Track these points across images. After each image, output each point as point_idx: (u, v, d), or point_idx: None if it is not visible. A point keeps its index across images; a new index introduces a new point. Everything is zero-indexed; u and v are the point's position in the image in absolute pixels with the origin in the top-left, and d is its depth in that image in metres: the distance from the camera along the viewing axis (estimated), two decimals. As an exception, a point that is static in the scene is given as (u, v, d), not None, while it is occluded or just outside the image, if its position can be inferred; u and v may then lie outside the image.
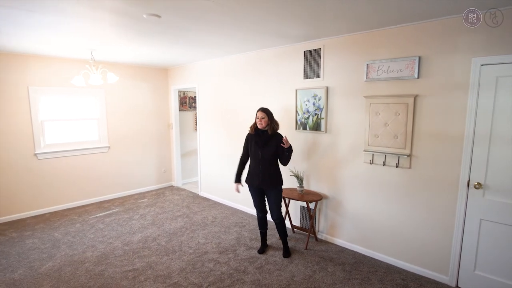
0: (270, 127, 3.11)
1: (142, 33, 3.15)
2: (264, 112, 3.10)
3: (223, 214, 4.64)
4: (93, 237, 3.82)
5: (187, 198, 5.45)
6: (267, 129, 3.12)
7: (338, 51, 3.34)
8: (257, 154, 3.14)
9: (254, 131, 3.18)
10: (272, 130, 3.12)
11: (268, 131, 3.12)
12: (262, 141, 3.13)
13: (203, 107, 5.37)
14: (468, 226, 2.65)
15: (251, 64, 4.33)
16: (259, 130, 3.16)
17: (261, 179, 3.14)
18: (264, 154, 3.11)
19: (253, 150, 3.17)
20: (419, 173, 2.87)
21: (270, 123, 3.11)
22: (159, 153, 6.12)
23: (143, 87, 5.76)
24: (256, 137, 3.16)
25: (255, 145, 3.15)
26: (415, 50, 2.78)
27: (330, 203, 3.61)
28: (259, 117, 3.09)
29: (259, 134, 3.16)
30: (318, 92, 3.55)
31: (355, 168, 3.32)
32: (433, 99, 2.72)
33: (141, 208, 4.90)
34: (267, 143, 3.12)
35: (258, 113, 3.11)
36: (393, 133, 2.98)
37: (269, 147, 3.11)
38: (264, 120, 3.08)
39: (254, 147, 3.15)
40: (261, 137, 3.14)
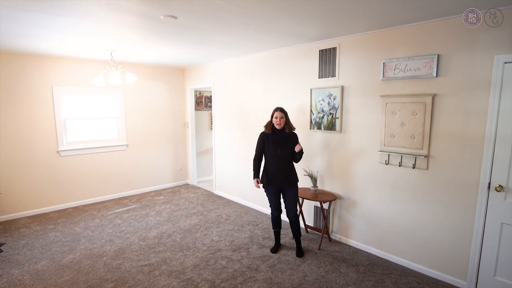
0: (288, 126, 3.17)
1: (159, 33, 3.23)
2: (283, 112, 3.14)
3: (236, 212, 4.68)
4: (111, 232, 3.94)
5: (202, 196, 5.53)
6: (285, 128, 3.15)
7: (353, 50, 3.30)
8: (277, 153, 3.15)
9: (271, 130, 3.20)
10: (289, 129, 3.18)
11: (286, 130, 3.16)
12: (281, 140, 3.16)
13: (218, 106, 5.43)
14: (488, 230, 2.56)
15: (266, 64, 4.35)
16: (276, 129, 3.18)
17: (281, 177, 3.16)
18: (284, 153, 3.15)
19: (271, 149, 3.18)
20: (436, 175, 2.80)
21: (287, 122, 3.15)
22: (175, 152, 6.24)
23: (160, 87, 5.88)
24: (273, 136, 3.18)
25: (274, 144, 3.16)
26: (434, 48, 2.71)
27: (344, 203, 3.57)
28: (277, 117, 3.12)
29: (277, 133, 3.18)
30: (333, 92, 3.52)
31: (370, 169, 3.27)
32: (452, 99, 2.64)
33: (157, 205, 5.02)
34: (285, 142, 3.16)
35: (276, 113, 3.14)
36: (410, 133, 2.91)
37: (288, 146, 3.16)
38: (283, 120, 3.13)
39: (273, 146, 3.17)
40: (279, 136, 3.17)
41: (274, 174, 3.18)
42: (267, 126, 3.22)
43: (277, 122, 3.12)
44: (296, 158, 3.19)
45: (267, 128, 3.22)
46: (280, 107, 3.18)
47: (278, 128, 3.15)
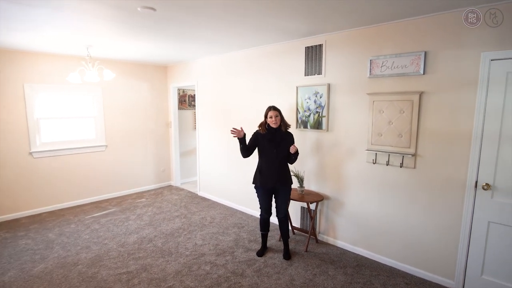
0: (283, 124, 3.08)
1: (137, 27, 3.05)
2: (276, 111, 3.04)
3: (221, 214, 4.53)
4: (88, 238, 3.72)
5: (186, 198, 5.36)
6: (281, 126, 3.06)
7: (340, 47, 3.23)
8: (272, 153, 3.04)
9: (266, 130, 3.08)
10: (285, 127, 3.10)
11: (282, 129, 3.07)
12: (277, 139, 3.06)
13: (202, 105, 5.27)
14: (475, 229, 2.54)
15: (251, 61, 4.23)
16: (271, 129, 3.06)
17: (276, 178, 3.05)
18: (280, 153, 3.04)
19: (266, 149, 3.06)
20: (424, 173, 2.76)
21: (282, 120, 3.06)
22: (157, 152, 6.03)
23: (142, 85, 5.66)
24: (269, 136, 3.06)
25: (269, 143, 3.05)
26: (421, 45, 2.66)
27: (331, 203, 3.50)
28: (272, 116, 3.00)
29: (273, 132, 3.06)
30: (319, 89, 3.44)
31: (358, 168, 3.21)
32: (440, 96, 2.60)
33: (139, 208, 4.81)
34: (282, 142, 3.06)
35: (270, 113, 3.02)
36: (397, 132, 2.86)
37: (284, 145, 3.06)
38: (278, 119, 3.02)
39: (268, 145, 3.05)
40: (275, 136, 3.06)
41: (268, 174, 3.06)
42: (262, 127, 3.10)
43: (273, 121, 3.00)
44: (292, 159, 3.08)
45: (262, 129, 3.10)
46: (273, 106, 3.07)
47: (274, 127, 3.03)
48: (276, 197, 3.17)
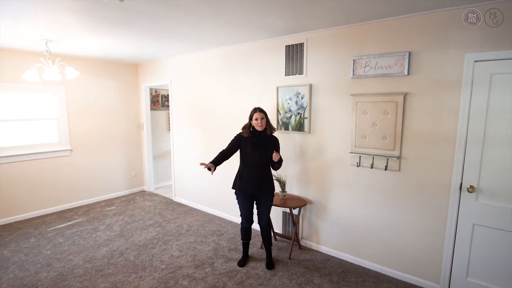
0: (269, 127, 2.90)
1: (103, 20, 2.75)
2: (262, 113, 2.85)
3: (199, 221, 4.30)
4: (49, 253, 3.35)
5: (160, 204, 5.05)
6: (266, 129, 2.89)
7: (322, 46, 3.12)
8: (254, 157, 2.85)
9: (250, 133, 2.89)
10: (271, 130, 2.93)
11: (267, 132, 2.90)
12: (261, 142, 2.87)
13: (176, 106, 4.99)
14: (460, 232, 2.51)
15: (229, 60, 4.02)
16: (255, 132, 2.88)
17: (255, 184, 2.86)
18: (262, 157, 2.85)
19: (248, 153, 2.87)
20: (409, 176, 2.71)
21: (267, 123, 2.89)
22: (129, 156, 5.65)
23: (110, 84, 5.27)
24: (252, 139, 2.87)
25: (252, 146, 2.85)
26: (405, 45, 2.60)
27: (314, 208, 3.39)
28: (258, 118, 2.82)
29: (257, 135, 2.88)
30: (301, 90, 3.31)
31: (341, 171, 3.11)
32: (424, 98, 2.55)
33: (108, 217, 4.45)
34: (266, 145, 2.88)
35: (256, 114, 2.83)
36: (382, 134, 2.79)
37: (268, 150, 2.87)
38: (264, 121, 2.84)
39: (251, 149, 2.85)
40: (259, 139, 2.87)
41: (249, 180, 2.87)
42: (246, 129, 2.90)
43: (259, 124, 2.82)
44: (275, 166, 2.91)
45: (245, 131, 2.90)
46: (259, 107, 2.89)
47: (259, 129, 2.85)
48: (257, 204, 2.99)
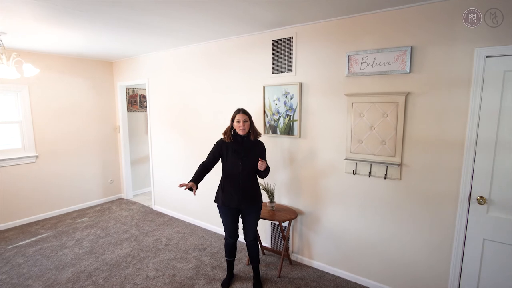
0: (252, 132, 2.55)
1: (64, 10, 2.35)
2: (246, 115, 2.52)
3: (179, 233, 3.92)
4: (4, 278, 2.91)
5: (138, 214, 4.64)
6: (249, 134, 2.55)
7: (313, 40, 2.81)
8: (237, 166, 2.50)
9: (231, 138, 2.54)
10: (255, 135, 2.57)
11: (250, 137, 2.55)
12: (244, 149, 2.52)
13: (154, 106, 4.59)
14: (469, 248, 2.25)
15: (211, 56, 3.67)
16: (237, 137, 2.54)
17: (241, 197, 2.52)
18: (246, 166, 2.51)
19: (230, 161, 2.52)
20: (411, 186, 2.43)
21: (251, 127, 2.55)
22: (104, 161, 5.20)
23: (82, 83, 4.81)
24: (235, 145, 2.53)
25: (234, 154, 2.51)
26: (407, 39, 2.32)
27: (306, 219, 3.08)
28: (240, 121, 2.48)
29: (238, 141, 2.54)
30: (290, 89, 2.99)
31: (336, 179, 2.82)
32: (428, 98, 2.28)
33: (79, 231, 4.02)
34: (249, 152, 2.53)
35: (238, 116, 2.49)
36: (380, 138, 2.51)
37: (252, 157, 2.53)
38: (247, 124, 2.51)
39: (233, 157, 2.51)
40: (241, 145, 2.53)
41: (232, 192, 2.53)
42: (227, 133, 2.56)
43: (241, 127, 2.48)
44: (262, 174, 2.58)
45: (226, 136, 2.55)
46: (243, 109, 2.55)
47: (241, 133, 2.51)
48: (243, 218, 2.66)
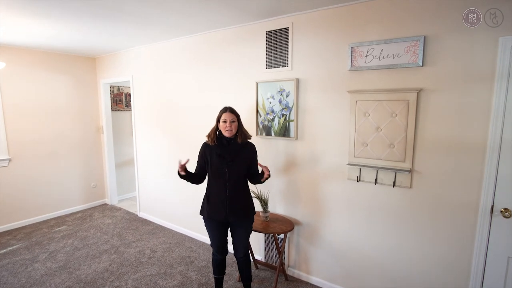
0: (240, 134, 2.21)
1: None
2: (234, 114, 2.19)
3: (165, 244, 3.59)
4: (-39, 300, 2.57)
5: (122, 222, 4.29)
6: (236, 136, 2.21)
7: (311, 31, 2.51)
8: (222, 173, 2.18)
9: (216, 141, 2.21)
10: (243, 138, 2.23)
11: (237, 140, 2.21)
12: (230, 153, 2.19)
13: (139, 106, 4.25)
14: (491, 267, 1.97)
15: (200, 50, 3.35)
16: (223, 139, 2.21)
17: (228, 209, 2.19)
18: (233, 173, 2.19)
19: (215, 168, 2.19)
20: (423, 195, 2.14)
21: (239, 128, 2.21)
22: (86, 164, 4.84)
23: (62, 81, 4.45)
24: (219, 149, 2.19)
25: (219, 159, 2.18)
26: (419, 28, 2.03)
27: (303, 230, 2.78)
28: (227, 121, 2.15)
29: (224, 144, 2.21)
30: (285, 86, 2.69)
31: (337, 187, 2.52)
32: (444, 95, 1.99)
33: (54, 242, 3.66)
34: (236, 157, 2.20)
35: (225, 115, 2.17)
36: (388, 141, 2.21)
37: (240, 162, 2.21)
38: (235, 125, 2.18)
39: (218, 162, 2.18)
40: (227, 149, 2.20)
41: (219, 203, 2.20)
42: (211, 135, 2.22)
43: (227, 128, 2.15)
44: (255, 180, 2.28)
45: (210, 138, 2.22)
46: (230, 107, 2.22)
47: (228, 135, 2.18)
48: (232, 232, 2.34)
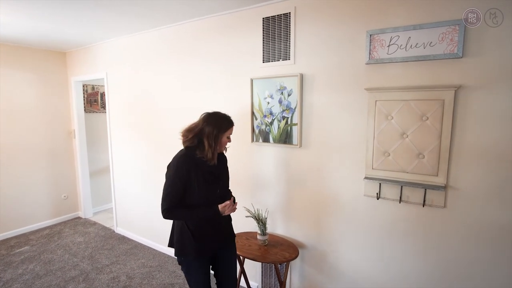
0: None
1: None
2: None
3: (145, 268, 3.08)
4: None
5: (95, 240, 3.75)
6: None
7: (319, 17, 2.08)
8: (214, 194, 1.74)
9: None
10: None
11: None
12: (217, 168, 1.76)
13: (115, 106, 3.74)
14: (548, 307, 1.59)
15: (184, 42, 2.87)
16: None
17: (222, 234, 1.82)
18: (224, 189, 1.84)
19: (205, 189, 1.68)
20: (462, 216, 1.74)
21: None
22: (55, 173, 4.27)
23: (27, 78, 3.88)
24: (206, 167, 1.68)
25: (211, 178, 1.71)
26: (456, 10, 1.63)
27: (308, 255, 2.34)
28: (230, 136, 1.77)
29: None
30: (287, 83, 2.25)
31: (351, 205, 2.09)
32: (490, 94, 1.60)
33: (11, 268, 3.09)
34: (223, 172, 1.85)
35: (231, 130, 1.76)
36: (417, 150, 1.80)
37: (225, 175, 1.89)
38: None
39: (209, 182, 1.70)
40: (217, 165, 1.74)
41: (212, 233, 1.74)
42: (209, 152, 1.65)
43: (228, 145, 1.82)
44: None
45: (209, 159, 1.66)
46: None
47: (225, 152, 1.85)
48: (222, 262, 1.86)
